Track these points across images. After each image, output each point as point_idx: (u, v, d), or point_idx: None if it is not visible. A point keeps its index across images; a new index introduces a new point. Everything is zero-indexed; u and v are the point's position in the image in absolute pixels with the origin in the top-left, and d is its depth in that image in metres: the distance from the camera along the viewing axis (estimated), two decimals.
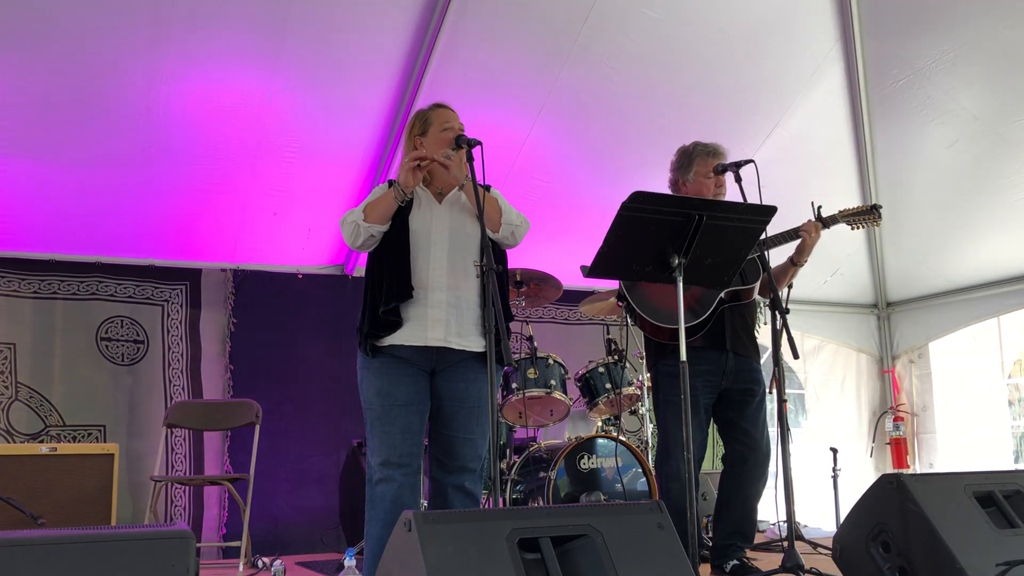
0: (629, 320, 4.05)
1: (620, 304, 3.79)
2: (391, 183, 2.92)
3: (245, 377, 5.21)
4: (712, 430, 3.78)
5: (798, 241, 3.58)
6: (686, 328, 3.41)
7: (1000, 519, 2.61)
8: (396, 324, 2.88)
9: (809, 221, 3.58)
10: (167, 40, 4.15)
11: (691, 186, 3.61)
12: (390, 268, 2.91)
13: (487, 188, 3.02)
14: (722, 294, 3.51)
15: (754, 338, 3.70)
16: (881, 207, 3.75)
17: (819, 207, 3.62)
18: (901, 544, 2.53)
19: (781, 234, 3.56)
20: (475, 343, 2.91)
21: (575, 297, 5.29)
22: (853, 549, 2.68)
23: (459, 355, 2.93)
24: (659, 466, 3.64)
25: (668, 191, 3.74)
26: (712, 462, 5.16)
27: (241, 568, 4.18)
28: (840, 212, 3.70)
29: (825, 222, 3.61)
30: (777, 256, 3.64)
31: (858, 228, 3.79)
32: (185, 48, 4.20)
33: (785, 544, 3.04)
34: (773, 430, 3.59)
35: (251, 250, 5.32)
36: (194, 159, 4.71)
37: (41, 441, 4.70)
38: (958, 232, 5.91)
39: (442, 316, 2.90)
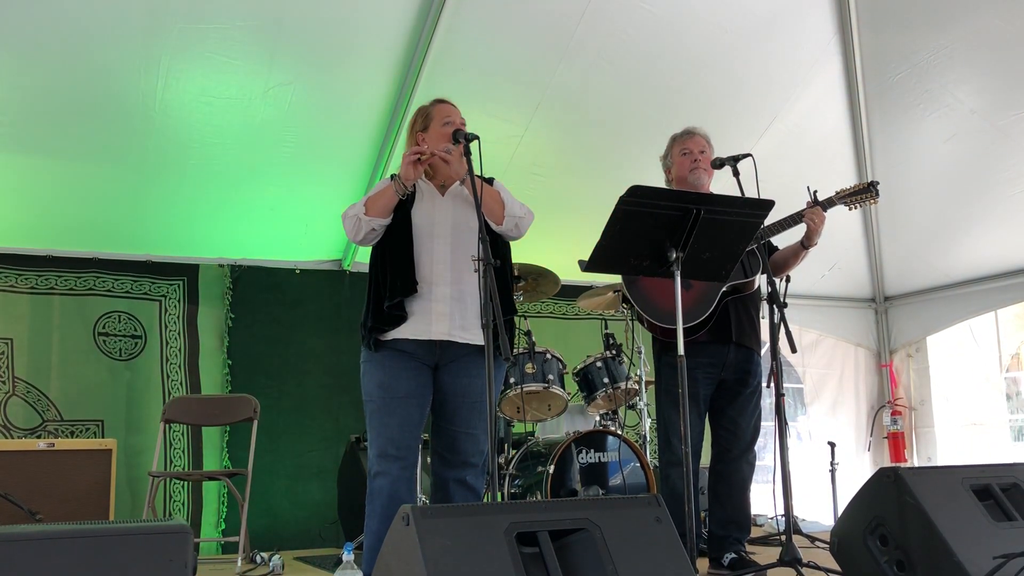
0: (631, 316, 4.07)
1: (625, 306, 3.82)
2: (393, 177, 2.93)
3: (243, 372, 5.20)
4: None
5: (801, 226, 3.60)
6: (691, 325, 3.43)
7: (997, 512, 2.62)
8: (400, 318, 2.90)
9: (810, 208, 3.58)
10: (163, 34, 4.14)
11: (673, 169, 3.76)
12: (393, 262, 2.92)
13: (489, 180, 3.03)
14: (724, 287, 3.52)
15: (757, 329, 3.72)
16: (878, 183, 3.73)
17: (815, 191, 3.63)
18: (899, 537, 2.53)
19: (780, 221, 3.57)
20: (479, 336, 2.90)
21: (573, 292, 5.28)
22: (851, 543, 2.68)
23: (463, 349, 2.94)
24: (661, 454, 3.68)
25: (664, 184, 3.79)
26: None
27: (239, 563, 4.17)
28: (837, 193, 3.71)
29: (823, 205, 3.62)
30: (784, 240, 3.68)
31: (855, 208, 3.76)
32: (181, 42, 4.19)
33: (783, 538, 3.05)
34: (770, 424, 3.60)
35: (248, 245, 5.31)
36: (191, 154, 4.70)
37: (39, 436, 4.70)
38: (956, 226, 5.91)
39: (446, 310, 2.91)
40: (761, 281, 3.59)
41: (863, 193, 3.69)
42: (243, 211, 5.10)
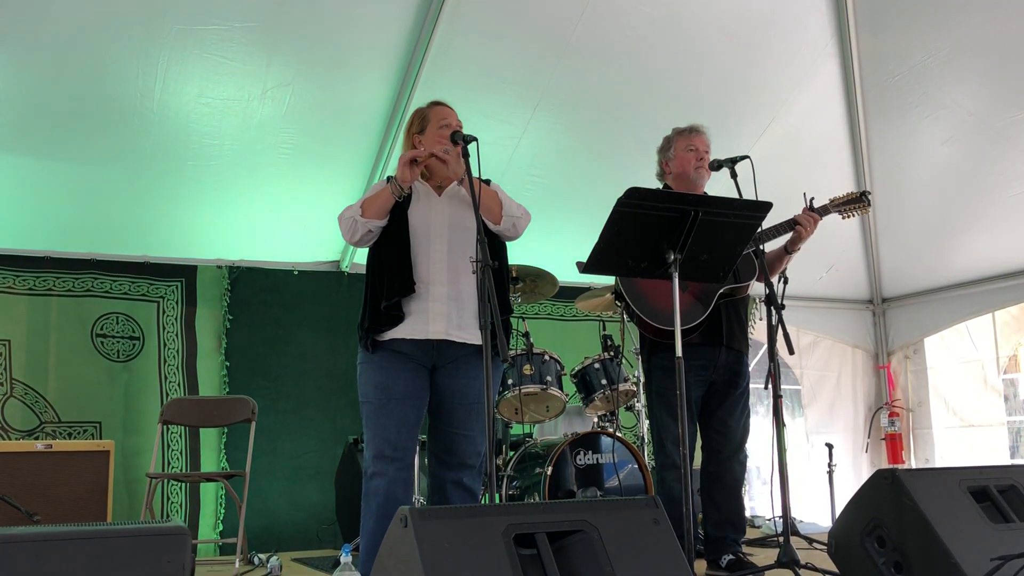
0: (626, 316, 4.06)
1: (619, 304, 3.81)
2: (389, 179, 2.93)
3: (241, 373, 5.20)
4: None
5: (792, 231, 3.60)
6: (686, 328, 3.43)
7: (995, 514, 2.62)
8: (397, 318, 2.90)
9: (806, 213, 3.58)
10: (161, 35, 4.14)
11: (674, 164, 3.69)
12: (391, 263, 2.92)
13: (487, 182, 3.04)
14: (722, 289, 3.52)
15: (746, 331, 3.74)
16: (870, 193, 3.79)
17: (811, 198, 3.64)
18: (896, 539, 2.54)
19: (775, 227, 3.57)
20: (476, 336, 2.90)
21: (571, 293, 5.29)
22: (848, 544, 2.68)
23: (460, 350, 2.94)
24: (656, 457, 3.68)
25: (657, 180, 3.77)
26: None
27: (237, 565, 4.17)
28: (831, 201, 3.73)
29: (818, 213, 3.62)
30: (770, 244, 3.66)
31: (849, 217, 3.78)
32: (179, 43, 4.19)
33: (781, 539, 3.05)
34: (768, 426, 3.60)
35: (247, 246, 5.31)
36: (189, 155, 4.69)
37: (36, 438, 4.69)
38: (953, 228, 5.92)
39: (443, 310, 2.92)
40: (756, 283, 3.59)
41: (856, 203, 3.72)
42: (241, 212, 5.10)
